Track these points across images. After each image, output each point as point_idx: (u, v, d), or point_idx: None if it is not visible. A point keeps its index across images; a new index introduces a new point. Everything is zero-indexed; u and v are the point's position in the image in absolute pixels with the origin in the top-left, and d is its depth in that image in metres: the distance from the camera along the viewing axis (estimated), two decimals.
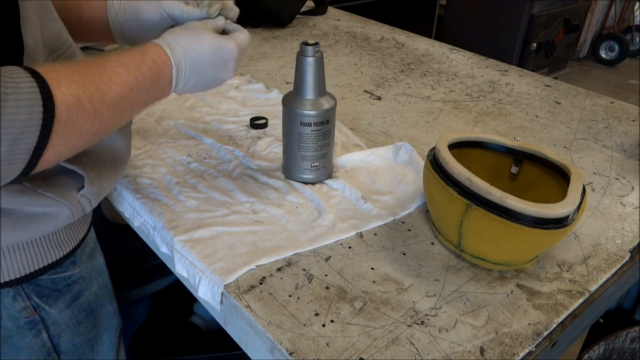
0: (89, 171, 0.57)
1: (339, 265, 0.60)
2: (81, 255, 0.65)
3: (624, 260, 0.63)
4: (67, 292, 0.64)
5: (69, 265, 0.63)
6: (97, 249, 0.71)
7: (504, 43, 3.04)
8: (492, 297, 0.56)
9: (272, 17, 1.38)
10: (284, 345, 0.49)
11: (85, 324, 0.68)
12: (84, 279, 0.66)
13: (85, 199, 0.57)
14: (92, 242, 0.69)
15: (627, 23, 4.32)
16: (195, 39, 0.57)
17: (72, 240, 0.62)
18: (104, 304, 0.72)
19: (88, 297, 0.68)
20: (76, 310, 0.66)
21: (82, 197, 0.57)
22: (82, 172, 0.56)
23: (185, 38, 0.56)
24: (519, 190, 0.66)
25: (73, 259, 0.63)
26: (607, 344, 0.86)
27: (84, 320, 0.68)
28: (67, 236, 0.61)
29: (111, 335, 0.74)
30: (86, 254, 0.66)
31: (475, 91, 1.08)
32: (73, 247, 0.62)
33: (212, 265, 0.58)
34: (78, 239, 0.64)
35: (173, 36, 0.56)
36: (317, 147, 0.69)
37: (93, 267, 0.68)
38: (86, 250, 0.66)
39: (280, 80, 1.08)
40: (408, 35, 1.41)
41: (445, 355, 0.49)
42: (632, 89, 3.80)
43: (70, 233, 0.62)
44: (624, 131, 0.94)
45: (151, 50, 0.54)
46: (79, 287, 0.66)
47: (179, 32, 0.57)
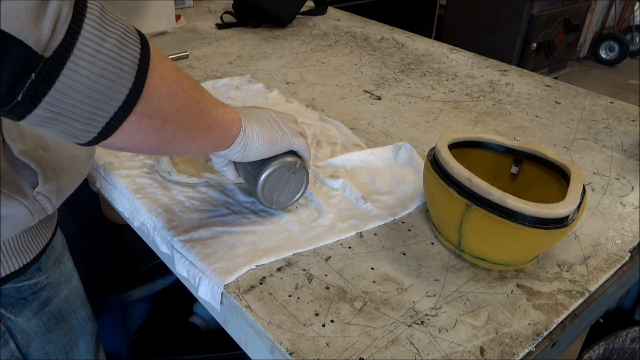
0: (44, 167, 0.54)
1: (339, 265, 0.60)
2: (47, 261, 0.63)
3: (624, 260, 0.63)
4: (33, 300, 0.62)
5: (33, 272, 0.61)
6: (64, 253, 0.69)
7: (504, 43, 3.04)
8: (492, 297, 0.56)
9: (272, 17, 1.38)
10: (284, 345, 0.49)
11: (57, 331, 0.66)
12: (52, 286, 0.64)
13: (43, 197, 0.55)
14: (59, 247, 0.67)
15: (627, 23, 4.32)
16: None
17: (35, 246, 0.60)
18: (76, 310, 0.70)
19: (57, 304, 0.66)
20: (45, 318, 0.64)
21: (39, 194, 0.54)
22: (36, 168, 0.53)
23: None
24: (519, 190, 0.66)
25: (38, 266, 0.61)
26: (607, 344, 0.86)
27: (54, 327, 0.66)
28: (30, 242, 0.59)
29: (88, 341, 0.73)
30: (52, 259, 0.64)
31: (475, 91, 1.08)
32: (37, 253, 0.60)
33: (212, 265, 0.58)
34: (42, 244, 0.61)
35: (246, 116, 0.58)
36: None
37: (61, 272, 0.66)
38: (52, 255, 0.64)
39: (280, 80, 1.08)
40: (408, 35, 1.41)
41: (445, 355, 0.49)
42: (632, 89, 3.80)
43: (32, 238, 0.59)
44: (624, 131, 0.94)
45: (233, 110, 0.56)
46: (47, 294, 0.64)
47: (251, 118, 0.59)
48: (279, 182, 0.63)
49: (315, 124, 0.89)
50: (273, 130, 0.59)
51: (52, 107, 0.35)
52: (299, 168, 0.63)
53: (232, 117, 0.54)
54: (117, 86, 0.37)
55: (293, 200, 0.66)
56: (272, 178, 0.62)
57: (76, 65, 0.34)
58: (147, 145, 0.45)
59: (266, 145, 0.59)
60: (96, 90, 0.36)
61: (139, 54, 0.38)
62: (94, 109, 0.37)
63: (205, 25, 1.40)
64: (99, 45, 0.35)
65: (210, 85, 1.01)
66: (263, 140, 0.58)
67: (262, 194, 0.62)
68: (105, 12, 0.36)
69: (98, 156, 0.76)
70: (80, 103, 0.36)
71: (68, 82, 0.34)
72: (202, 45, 1.25)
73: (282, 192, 0.64)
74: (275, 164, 0.61)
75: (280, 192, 0.64)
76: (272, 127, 0.60)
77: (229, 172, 0.64)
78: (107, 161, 0.75)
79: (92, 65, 0.35)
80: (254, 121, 0.58)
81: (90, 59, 0.35)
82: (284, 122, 0.62)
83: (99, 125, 0.39)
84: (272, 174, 0.61)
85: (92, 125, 0.38)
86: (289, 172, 0.63)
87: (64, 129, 0.38)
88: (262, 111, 0.61)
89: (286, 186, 0.64)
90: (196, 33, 1.34)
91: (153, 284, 1.15)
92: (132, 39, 0.38)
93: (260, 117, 0.59)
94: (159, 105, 0.42)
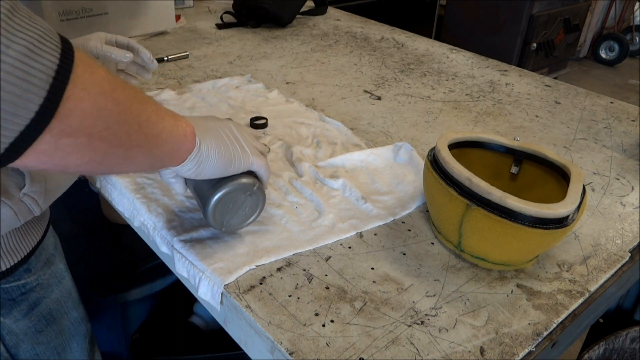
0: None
1: (339, 265, 0.60)
2: (36, 262, 0.62)
3: (624, 260, 0.63)
4: (22, 301, 0.61)
5: (22, 273, 0.60)
6: (56, 254, 0.68)
7: (504, 43, 3.04)
8: (492, 297, 0.56)
9: (272, 17, 1.38)
10: (284, 345, 0.49)
11: (47, 332, 0.66)
12: (42, 287, 0.64)
13: (30, 198, 0.53)
14: (51, 248, 0.66)
15: (627, 23, 4.32)
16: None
17: (23, 247, 0.59)
18: (68, 311, 0.70)
19: (48, 305, 0.65)
20: (35, 319, 0.64)
21: (25, 196, 0.53)
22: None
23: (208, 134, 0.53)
24: (519, 190, 0.66)
25: (27, 267, 0.60)
26: (607, 344, 0.86)
27: (44, 328, 0.65)
28: (17, 242, 0.58)
29: (81, 342, 0.73)
30: (42, 260, 0.64)
31: (475, 91, 1.08)
32: (26, 254, 0.59)
33: (212, 265, 0.58)
34: (31, 245, 0.60)
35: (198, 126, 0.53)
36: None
37: (52, 273, 0.66)
38: (42, 256, 0.63)
39: (280, 80, 1.08)
40: (408, 35, 1.41)
41: (445, 355, 0.49)
42: (632, 89, 3.80)
43: (20, 239, 0.58)
44: (624, 131, 0.94)
45: (186, 122, 0.51)
46: (36, 296, 0.63)
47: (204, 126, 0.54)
48: (232, 205, 0.57)
49: (315, 124, 0.89)
50: (232, 148, 0.54)
51: None
52: (256, 191, 0.58)
53: (184, 131, 0.49)
54: (21, 101, 0.32)
55: (245, 224, 0.61)
56: (225, 200, 0.56)
57: None
58: (72, 167, 0.39)
59: (223, 164, 0.54)
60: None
61: (57, 63, 0.34)
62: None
63: (205, 25, 1.40)
64: (3, 51, 0.31)
65: (211, 85, 1.01)
66: (220, 158, 0.53)
67: (213, 216, 0.57)
68: (16, 14, 0.32)
69: None
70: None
71: None
72: (202, 45, 1.25)
73: (234, 215, 0.59)
74: (230, 186, 0.56)
75: (232, 215, 0.58)
76: (231, 143, 0.55)
77: (177, 186, 0.58)
78: None
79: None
80: (211, 136, 0.53)
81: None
82: (245, 139, 0.57)
83: (3, 145, 0.33)
84: (225, 195, 0.56)
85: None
86: (245, 194, 0.58)
87: None
88: (222, 124, 0.56)
89: (240, 209, 0.58)
90: (196, 33, 1.34)
91: (153, 284, 1.15)
92: (49, 46, 0.33)
93: (219, 131, 0.54)
94: (81, 121, 0.36)
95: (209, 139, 0.52)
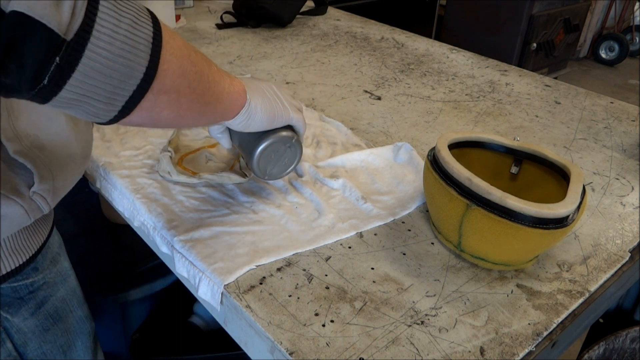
0: (40, 167, 0.54)
1: (339, 265, 0.60)
2: (43, 261, 0.63)
3: (624, 260, 0.63)
4: (30, 299, 0.62)
5: (30, 272, 0.61)
6: (61, 253, 0.69)
7: (504, 43, 3.04)
8: (492, 297, 0.56)
9: (272, 17, 1.38)
10: (284, 345, 0.49)
11: (54, 331, 0.66)
12: (48, 285, 0.64)
13: (39, 196, 0.54)
14: (56, 247, 0.67)
15: (627, 23, 4.32)
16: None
17: (31, 245, 0.60)
18: (74, 309, 0.70)
19: (54, 303, 0.66)
20: (42, 318, 0.64)
21: (35, 194, 0.54)
22: (32, 167, 0.53)
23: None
24: (519, 190, 0.66)
25: (34, 265, 0.61)
26: (607, 344, 0.86)
27: (51, 327, 0.66)
28: (26, 241, 0.59)
29: (85, 340, 0.73)
30: (49, 259, 0.64)
31: (475, 91, 1.08)
32: (33, 252, 0.60)
33: (212, 265, 0.58)
34: (38, 244, 0.61)
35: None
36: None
37: (57, 272, 0.66)
38: (49, 255, 0.64)
39: (280, 80, 1.08)
40: (408, 35, 1.41)
41: (445, 355, 0.49)
42: (632, 89, 3.80)
43: (28, 238, 0.59)
44: (624, 131, 0.94)
45: (238, 81, 0.56)
46: (43, 294, 0.64)
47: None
48: (274, 155, 0.64)
49: (315, 124, 0.89)
50: (275, 104, 0.60)
51: (75, 89, 0.36)
52: (294, 143, 0.65)
53: (238, 89, 0.55)
54: (134, 65, 0.38)
55: (285, 173, 0.67)
56: (268, 151, 0.63)
57: (96, 47, 0.35)
58: (164, 120, 0.45)
59: (268, 118, 0.59)
60: (116, 70, 0.37)
61: (152, 32, 0.39)
62: (114, 89, 0.38)
63: (205, 25, 1.40)
64: (116, 26, 0.36)
65: None
66: (265, 113, 0.59)
67: (258, 164, 0.63)
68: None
69: (98, 156, 0.76)
70: (101, 83, 0.37)
71: (90, 63, 0.35)
72: (202, 45, 1.25)
73: (275, 165, 0.65)
74: (273, 137, 0.62)
75: (274, 165, 0.65)
76: (274, 100, 0.60)
77: (224, 140, 0.65)
78: (107, 161, 0.75)
79: (110, 46, 0.36)
80: (258, 94, 0.59)
81: (108, 39, 0.36)
82: (285, 97, 0.63)
83: (119, 104, 0.39)
84: (269, 146, 0.62)
85: (113, 104, 0.39)
86: (285, 146, 0.64)
87: (87, 110, 0.39)
88: (266, 84, 0.62)
89: (280, 159, 0.65)
90: (196, 33, 1.34)
91: (153, 284, 1.15)
92: (144, 18, 0.39)
93: (263, 90, 0.60)
94: (173, 80, 0.43)
95: (256, 96, 0.58)
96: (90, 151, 0.65)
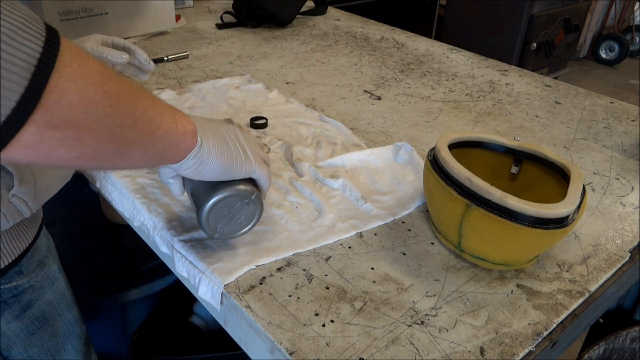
0: (21, 169, 0.51)
1: (339, 265, 0.60)
2: (29, 264, 0.61)
3: (624, 260, 0.63)
4: (14, 303, 0.61)
5: (13, 275, 0.59)
6: (50, 255, 0.67)
7: (504, 43, 3.04)
8: (492, 297, 0.56)
9: (272, 17, 1.38)
10: (284, 345, 0.49)
11: (41, 335, 0.65)
12: (34, 289, 0.63)
13: (19, 199, 0.52)
14: (44, 250, 0.65)
15: (627, 23, 4.32)
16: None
17: (14, 249, 0.58)
18: (62, 313, 0.69)
19: (41, 307, 0.65)
20: (27, 321, 0.63)
21: (14, 197, 0.52)
22: (12, 169, 0.51)
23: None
24: (519, 190, 0.66)
25: (18, 269, 0.60)
26: (607, 344, 0.86)
27: (37, 330, 0.65)
28: (8, 244, 0.57)
29: (76, 344, 0.73)
30: (35, 262, 0.63)
31: (475, 91, 1.08)
32: (17, 256, 0.59)
33: (212, 265, 0.58)
34: (22, 247, 0.60)
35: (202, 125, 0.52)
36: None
37: (45, 275, 0.65)
38: (35, 258, 0.63)
39: (280, 80, 1.08)
40: (408, 35, 1.41)
41: (445, 355, 0.49)
42: (632, 89, 3.80)
43: (11, 241, 0.57)
44: (624, 131, 0.94)
45: (187, 119, 0.50)
46: (29, 297, 0.63)
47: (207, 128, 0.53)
48: (228, 212, 0.56)
49: (315, 124, 0.89)
50: (235, 151, 0.53)
51: None
52: (254, 199, 0.56)
53: (184, 129, 0.48)
54: (3, 90, 0.31)
55: (239, 233, 0.58)
56: (220, 205, 0.55)
57: None
58: (62, 160, 0.38)
59: (224, 165, 0.52)
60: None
61: (39, 52, 0.32)
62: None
63: (205, 25, 1.40)
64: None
65: (211, 85, 1.01)
66: (221, 159, 0.52)
67: (207, 219, 0.55)
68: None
69: None
70: None
71: None
72: (202, 45, 1.25)
73: (228, 222, 0.57)
74: (228, 190, 0.54)
75: (226, 222, 0.56)
76: (234, 147, 0.54)
77: (174, 186, 0.57)
78: None
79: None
80: (214, 137, 0.52)
81: None
82: (249, 146, 0.56)
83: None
84: (221, 200, 0.54)
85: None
86: (242, 202, 0.56)
87: None
88: (227, 127, 0.55)
89: (235, 217, 0.56)
90: (196, 33, 1.34)
91: (153, 284, 1.15)
92: (31, 34, 0.32)
93: (222, 133, 0.53)
94: (68, 114, 0.35)
95: (211, 138, 0.51)
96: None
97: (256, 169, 0.55)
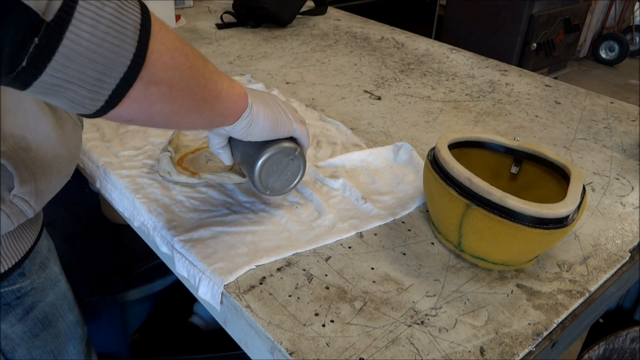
0: (21, 169, 0.53)
1: (339, 265, 0.60)
2: (31, 266, 0.62)
3: (624, 260, 0.63)
4: (17, 305, 0.61)
5: (16, 277, 0.60)
6: (50, 257, 0.68)
7: (504, 43, 3.04)
8: (492, 297, 0.56)
9: (272, 17, 1.38)
10: (284, 345, 0.49)
11: (44, 336, 0.66)
12: (37, 291, 0.64)
13: (20, 199, 0.53)
14: (45, 251, 0.66)
15: (627, 23, 4.32)
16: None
17: (17, 251, 0.59)
18: (64, 314, 0.69)
19: (43, 309, 0.65)
20: (30, 323, 0.64)
21: (16, 197, 0.53)
22: (12, 169, 0.52)
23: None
24: (519, 190, 0.66)
25: (21, 271, 0.60)
26: (607, 344, 0.86)
27: (40, 332, 0.65)
28: (11, 247, 0.58)
29: (77, 345, 0.73)
30: (37, 264, 0.63)
31: (475, 91, 1.08)
32: (19, 258, 0.59)
33: (212, 265, 0.58)
34: (25, 249, 0.60)
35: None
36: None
37: (46, 277, 0.66)
38: (37, 260, 0.63)
39: (280, 80, 1.08)
40: (408, 35, 1.41)
41: (445, 355, 0.49)
42: (632, 89, 3.80)
43: (13, 243, 0.58)
44: (624, 131, 0.94)
45: (239, 85, 0.55)
46: (31, 300, 0.63)
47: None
48: (277, 168, 0.61)
49: (315, 124, 0.89)
50: (277, 113, 0.58)
51: (57, 73, 0.35)
52: (297, 155, 0.62)
53: (239, 92, 0.53)
54: (120, 50, 0.37)
55: (288, 188, 0.64)
56: (270, 162, 0.60)
57: (78, 29, 0.34)
58: (157, 116, 0.44)
59: (271, 125, 0.58)
60: (100, 55, 0.36)
61: (140, 19, 0.38)
62: (99, 75, 0.36)
63: (205, 25, 1.40)
64: (100, 9, 0.35)
65: None
66: (268, 120, 0.57)
67: (259, 177, 0.61)
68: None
69: (98, 156, 0.76)
70: (85, 69, 0.36)
71: (72, 46, 0.34)
72: (202, 45, 1.25)
73: (278, 178, 0.63)
74: (274, 148, 0.60)
75: (276, 178, 0.62)
76: (277, 109, 0.59)
77: (224, 155, 0.63)
78: (107, 161, 0.75)
79: (94, 29, 0.35)
80: (260, 100, 0.57)
81: (91, 22, 0.34)
82: (288, 108, 0.61)
83: (106, 92, 0.38)
84: (270, 157, 0.60)
85: (99, 92, 0.38)
86: (287, 158, 0.62)
87: (71, 97, 0.37)
88: (267, 94, 0.60)
89: (283, 173, 0.62)
90: (196, 33, 1.34)
91: (153, 284, 1.15)
92: (131, 5, 0.38)
93: (265, 98, 0.58)
94: (164, 72, 0.41)
95: (259, 102, 0.57)
96: (79, 153, 0.64)
97: (296, 128, 0.61)
